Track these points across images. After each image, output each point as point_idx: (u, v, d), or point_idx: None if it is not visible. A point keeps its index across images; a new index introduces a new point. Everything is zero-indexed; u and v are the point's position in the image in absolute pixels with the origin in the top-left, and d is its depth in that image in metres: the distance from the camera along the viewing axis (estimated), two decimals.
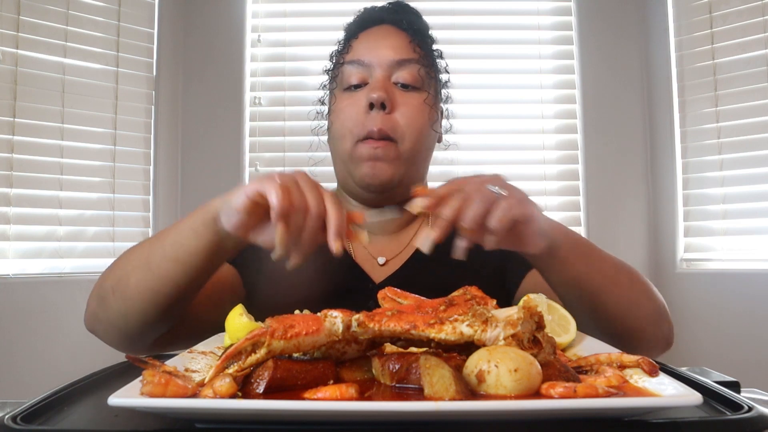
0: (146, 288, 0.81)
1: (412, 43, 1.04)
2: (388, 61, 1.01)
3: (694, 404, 0.49)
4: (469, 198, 0.67)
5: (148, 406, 0.50)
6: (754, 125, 1.97)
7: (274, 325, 0.54)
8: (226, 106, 2.25)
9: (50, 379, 0.72)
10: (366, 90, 1.01)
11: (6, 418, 0.52)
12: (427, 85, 1.04)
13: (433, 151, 1.12)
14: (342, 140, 1.02)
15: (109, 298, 0.84)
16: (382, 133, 0.98)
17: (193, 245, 0.79)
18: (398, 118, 1.00)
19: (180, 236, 0.80)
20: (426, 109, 1.03)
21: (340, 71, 1.05)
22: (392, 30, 1.05)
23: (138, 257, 0.85)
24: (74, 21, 1.97)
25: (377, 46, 1.03)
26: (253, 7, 2.29)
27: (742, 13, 2.01)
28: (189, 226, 0.80)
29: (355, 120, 1.00)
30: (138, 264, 0.83)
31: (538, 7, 2.30)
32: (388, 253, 1.08)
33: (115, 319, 0.85)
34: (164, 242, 0.82)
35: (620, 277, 0.86)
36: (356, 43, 1.05)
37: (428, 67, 1.05)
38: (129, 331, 0.86)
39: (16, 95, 1.83)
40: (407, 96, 1.02)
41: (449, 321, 0.57)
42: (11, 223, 1.82)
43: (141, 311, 0.83)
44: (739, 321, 1.94)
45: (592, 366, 0.63)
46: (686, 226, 2.13)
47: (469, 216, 0.66)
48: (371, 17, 1.08)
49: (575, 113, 2.25)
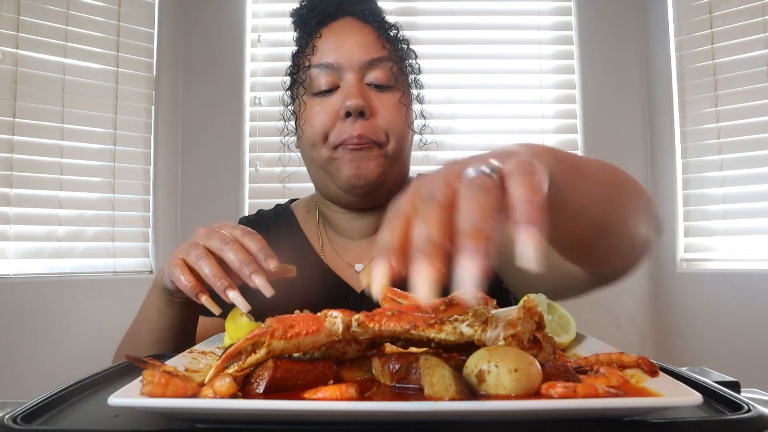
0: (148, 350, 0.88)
1: (381, 39, 0.97)
2: (359, 62, 0.94)
3: (694, 404, 0.49)
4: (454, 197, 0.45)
5: (148, 406, 0.50)
6: (754, 125, 1.97)
7: (274, 325, 0.54)
8: (226, 106, 2.25)
9: (50, 379, 0.72)
10: (339, 96, 0.94)
11: (6, 418, 0.52)
12: (400, 82, 0.98)
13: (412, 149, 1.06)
14: (316, 148, 0.97)
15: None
16: (363, 137, 0.92)
17: (167, 322, 0.86)
18: (379, 122, 0.94)
19: (150, 321, 0.87)
20: (404, 109, 0.97)
21: (307, 75, 0.97)
22: (356, 24, 0.98)
23: (128, 337, 0.94)
24: (74, 21, 1.97)
25: (344, 45, 0.95)
26: (253, 7, 2.29)
27: (742, 13, 2.01)
28: (154, 308, 0.86)
29: (330, 128, 0.94)
30: (126, 344, 0.93)
31: (538, 7, 2.30)
32: (366, 259, 1.02)
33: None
34: (139, 332, 0.90)
35: (618, 186, 0.73)
36: (320, 42, 0.97)
37: (399, 62, 0.99)
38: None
39: (16, 95, 1.83)
40: (383, 97, 0.95)
41: (449, 321, 0.57)
42: (11, 223, 1.82)
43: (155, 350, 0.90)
44: (739, 321, 1.94)
45: (592, 366, 0.63)
46: (686, 226, 2.13)
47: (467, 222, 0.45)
48: (329, 8, 0.99)
49: (575, 113, 2.25)
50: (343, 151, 0.93)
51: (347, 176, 0.94)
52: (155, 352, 0.85)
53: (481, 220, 0.41)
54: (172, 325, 0.87)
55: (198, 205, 2.23)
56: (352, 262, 1.03)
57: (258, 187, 2.24)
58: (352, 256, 1.04)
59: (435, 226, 0.42)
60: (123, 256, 2.02)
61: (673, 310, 2.13)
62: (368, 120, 0.93)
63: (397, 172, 0.99)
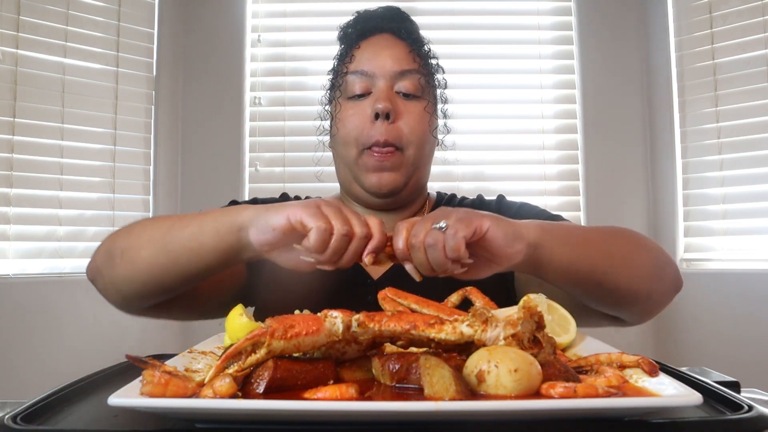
0: (156, 264, 0.84)
1: (412, 53, 1.08)
2: (390, 72, 1.06)
3: (694, 404, 0.49)
4: (421, 251, 0.69)
5: (148, 406, 0.50)
6: (754, 125, 1.97)
7: (274, 325, 0.54)
8: (226, 107, 2.25)
9: (50, 379, 0.72)
10: (370, 100, 1.05)
11: (6, 418, 0.52)
12: (427, 93, 1.09)
13: (433, 156, 1.16)
14: (347, 147, 1.06)
15: (117, 259, 0.87)
16: (388, 143, 1.03)
17: (212, 244, 0.79)
18: (402, 126, 1.04)
19: (201, 230, 0.81)
20: (427, 117, 1.08)
21: (343, 80, 1.08)
22: (392, 40, 1.10)
23: (156, 232, 0.86)
24: (74, 21, 1.97)
25: (379, 57, 1.07)
26: (253, 7, 2.29)
27: (742, 13, 2.01)
28: (212, 225, 0.80)
29: (361, 129, 1.04)
30: (154, 239, 0.85)
31: (538, 7, 2.30)
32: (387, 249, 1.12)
33: (117, 280, 0.88)
34: (184, 230, 0.83)
35: (610, 245, 0.86)
36: (358, 52, 1.09)
37: (427, 75, 1.10)
38: (127, 295, 0.89)
39: (16, 95, 1.84)
40: (409, 105, 1.06)
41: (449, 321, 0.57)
42: (11, 223, 1.82)
43: (144, 282, 0.86)
44: (739, 321, 1.94)
45: (592, 366, 0.63)
46: (686, 226, 2.13)
47: (426, 267, 0.70)
48: (370, 25, 1.11)
49: (575, 113, 2.25)
50: (369, 158, 1.03)
51: (370, 183, 1.05)
52: (171, 266, 0.81)
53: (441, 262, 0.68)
54: (216, 250, 0.79)
55: (198, 205, 2.20)
56: None
57: (258, 187, 2.24)
58: None
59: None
60: None
61: (673, 310, 2.12)
62: (393, 123, 1.04)
63: (416, 179, 1.09)
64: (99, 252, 0.91)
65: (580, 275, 0.82)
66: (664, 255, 0.92)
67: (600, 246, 0.85)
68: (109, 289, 0.90)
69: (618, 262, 0.85)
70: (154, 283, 0.86)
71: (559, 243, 0.80)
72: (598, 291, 0.84)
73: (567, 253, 0.80)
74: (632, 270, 0.85)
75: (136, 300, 0.90)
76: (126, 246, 0.87)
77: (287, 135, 2.25)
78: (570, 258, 0.80)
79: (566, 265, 0.80)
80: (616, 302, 0.87)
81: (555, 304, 0.79)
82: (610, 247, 0.86)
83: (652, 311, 0.93)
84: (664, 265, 0.90)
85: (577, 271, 0.81)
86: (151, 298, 0.89)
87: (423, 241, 0.68)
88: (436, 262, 0.68)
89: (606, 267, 0.83)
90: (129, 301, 0.91)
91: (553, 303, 0.79)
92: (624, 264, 0.85)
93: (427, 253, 0.68)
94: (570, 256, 0.80)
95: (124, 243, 0.87)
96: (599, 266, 0.82)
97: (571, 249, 0.81)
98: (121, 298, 0.91)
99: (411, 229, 0.71)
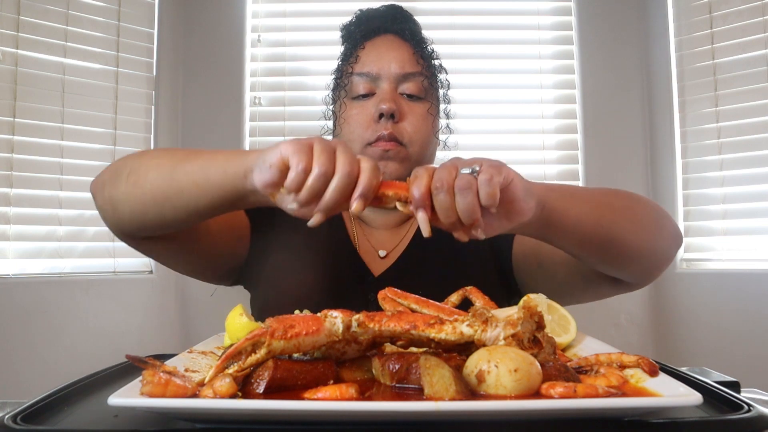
0: (159, 190, 0.82)
1: (416, 55, 1.10)
2: (395, 74, 1.07)
3: (694, 404, 0.49)
4: (449, 194, 0.64)
5: (148, 406, 0.50)
6: (754, 125, 1.97)
7: (274, 325, 0.54)
8: (226, 106, 2.25)
9: (50, 379, 0.72)
10: (375, 100, 1.06)
11: (6, 418, 0.52)
12: (430, 95, 1.11)
13: (435, 157, 1.18)
14: (351, 144, 1.06)
15: (123, 177, 0.86)
16: (393, 137, 1.04)
17: (217, 181, 0.78)
18: (406, 126, 1.06)
19: (210, 165, 0.79)
20: (430, 118, 1.09)
21: (348, 80, 1.10)
22: (396, 41, 1.11)
23: (166, 160, 0.85)
24: (74, 21, 1.97)
25: (384, 59, 1.08)
26: (253, 7, 2.29)
27: (742, 13, 2.01)
28: (221, 163, 0.77)
29: (365, 127, 1.06)
30: (162, 165, 0.84)
31: (538, 7, 2.30)
32: (388, 246, 1.13)
33: (117, 197, 0.87)
34: (194, 162, 0.81)
35: (612, 201, 0.88)
36: (363, 53, 1.10)
37: (431, 77, 1.12)
38: (122, 216, 0.88)
39: (16, 95, 1.83)
40: (413, 106, 1.08)
41: (449, 321, 0.57)
42: (11, 223, 1.82)
43: (144, 207, 0.84)
44: (739, 321, 1.94)
45: (592, 366, 0.63)
46: (686, 226, 2.13)
47: (465, 212, 0.64)
48: (374, 25, 1.12)
49: (575, 113, 2.25)
50: (373, 149, 1.04)
51: None
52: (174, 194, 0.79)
53: (473, 207, 0.64)
54: (221, 187, 0.77)
55: None
56: (377, 248, 1.13)
57: None
58: (376, 242, 1.14)
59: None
60: (123, 256, 2.01)
61: (673, 310, 2.13)
62: (397, 123, 1.05)
63: None
64: (107, 169, 0.91)
65: (587, 231, 0.82)
66: (662, 210, 0.94)
67: (603, 201, 0.86)
68: (107, 206, 0.89)
69: (621, 215, 0.86)
70: (155, 212, 0.84)
71: (566, 201, 0.80)
72: (604, 249, 0.84)
73: (574, 211, 0.80)
74: (635, 223, 0.86)
75: (131, 225, 0.89)
76: (134, 167, 0.86)
77: (287, 135, 2.25)
78: (578, 215, 0.80)
79: (573, 223, 0.80)
80: (621, 260, 0.87)
81: (555, 304, 0.80)
82: (612, 202, 0.87)
83: (656, 268, 0.93)
84: (664, 219, 0.92)
85: (583, 227, 0.81)
86: (148, 227, 0.88)
87: (452, 185, 0.64)
88: (467, 208, 0.63)
89: (610, 221, 0.83)
90: (123, 224, 0.89)
91: (553, 303, 0.80)
92: (626, 217, 0.86)
93: (456, 198, 0.64)
94: (578, 213, 0.80)
95: (133, 164, 0.87)
96: (604, 220, 0.83)
97: (577, 206, 0.81)
98: (117, 219, 0.89)
99: (433, 174, 0.66)
